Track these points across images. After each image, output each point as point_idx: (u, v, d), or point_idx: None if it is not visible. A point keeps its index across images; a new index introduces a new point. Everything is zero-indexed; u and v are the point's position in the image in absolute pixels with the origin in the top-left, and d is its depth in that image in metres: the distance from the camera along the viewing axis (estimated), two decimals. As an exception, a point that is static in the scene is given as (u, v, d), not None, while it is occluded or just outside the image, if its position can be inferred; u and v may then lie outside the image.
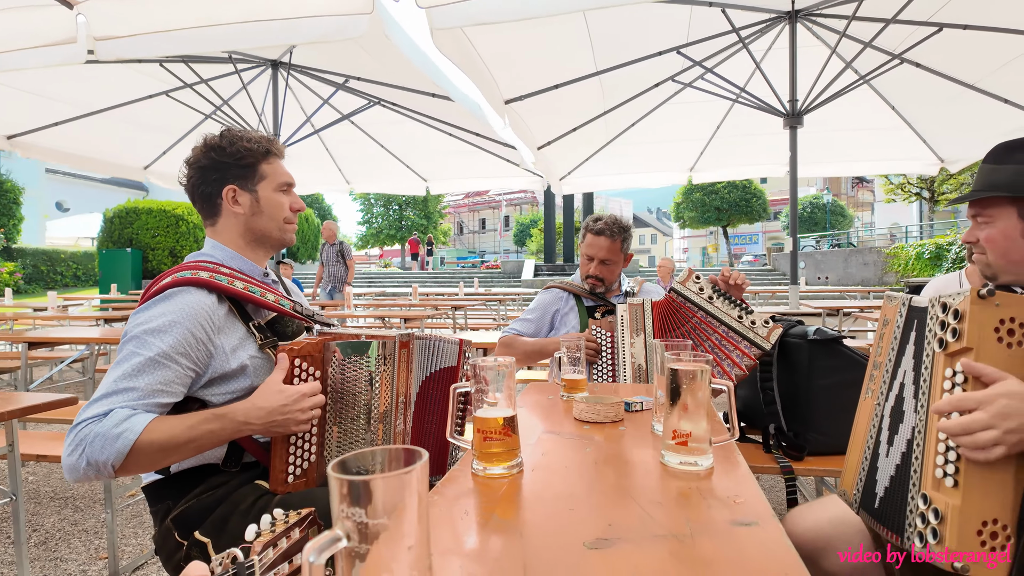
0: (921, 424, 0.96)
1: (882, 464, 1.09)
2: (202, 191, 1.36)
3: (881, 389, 1.12)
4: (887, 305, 1.15)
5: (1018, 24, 3.68)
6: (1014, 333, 0.87)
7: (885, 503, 1.05)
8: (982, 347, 0.88)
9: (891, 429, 1.07)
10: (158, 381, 1.11)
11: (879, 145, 5.88)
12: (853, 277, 19.74)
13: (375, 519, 0.45)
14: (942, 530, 0.85)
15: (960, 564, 0.83)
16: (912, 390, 1.02)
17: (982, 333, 0.88)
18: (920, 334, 1.02)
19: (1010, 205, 1.20)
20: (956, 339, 0.90)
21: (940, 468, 0.89)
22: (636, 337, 2.07)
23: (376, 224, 38.29)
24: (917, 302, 1.06)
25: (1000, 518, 0.84)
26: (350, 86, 5.31)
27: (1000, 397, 0.83)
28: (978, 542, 0.84)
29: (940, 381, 0.92)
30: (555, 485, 0.94)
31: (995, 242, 1.23)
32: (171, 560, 1.20)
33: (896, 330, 1.10)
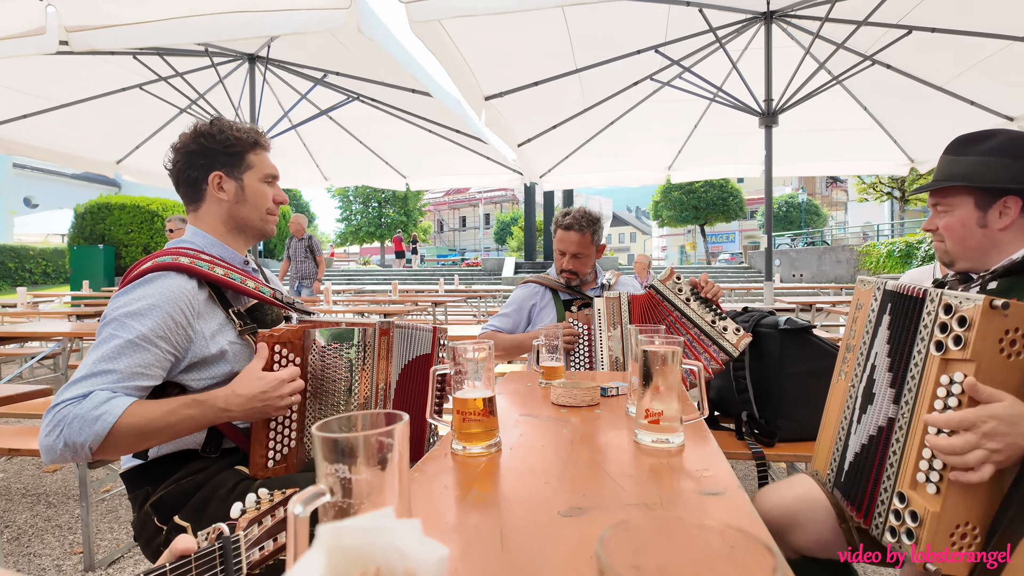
0: (904, 420, 0.96)
1: (852, 443, 1.13)
2: (188, 176, 1.36)
3: (855, 371, 1.16)
4: (860, 289, 1.19)
5: (983, 28, 3.80)
6: (1015, 343, 0.87)
7: (849, 477, 1.10)
8: (984, 358, 0.86)
9: (861, 409, 1.11)
10: (137, 364, 1.12)
11: (852, 145, 6.02)
12: (827, 274, 20.14)
13: (358, 475, 0.47)
14: (919, 533, 0.87)
15: (933, 567, 0.85)
16: (889, 376, 1.04)
17: (987, 343, 0.86)
18: (904, 322, 1.05)
19: (967, 194, 1.26)
20: (959, 347, 0.88)
21: (923, 473, 0.90)
22: (613, 330, 2.11)
23: (355, 221, 37.97)
24: (892, 286, 1.10)
25: (971, 521, 0.87)
26: (329, 81, 5.28)
27: (992, 419, 0.84)
28: (949, 543, 0.86)
29: (932, 386, 0.91)
30: (532, 462, 0.97)
31: (953, 230, 1.29)
32: (150, 545, 1.21)
33: (871, 313, 1.14)
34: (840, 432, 1.17)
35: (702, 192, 30.80)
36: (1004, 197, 1.22)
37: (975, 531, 0.87)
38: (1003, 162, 1.22)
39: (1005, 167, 1.21)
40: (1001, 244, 1.24)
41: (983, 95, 4.54)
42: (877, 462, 1.01)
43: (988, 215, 1.24)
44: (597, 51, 4.37)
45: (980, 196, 1.25)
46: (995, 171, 1.22)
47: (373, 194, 37.52)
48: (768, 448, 1.91)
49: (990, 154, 1.23)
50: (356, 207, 38.14)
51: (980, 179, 1.24)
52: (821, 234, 31.01)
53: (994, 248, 1.24)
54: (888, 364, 1.05)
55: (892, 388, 1.02)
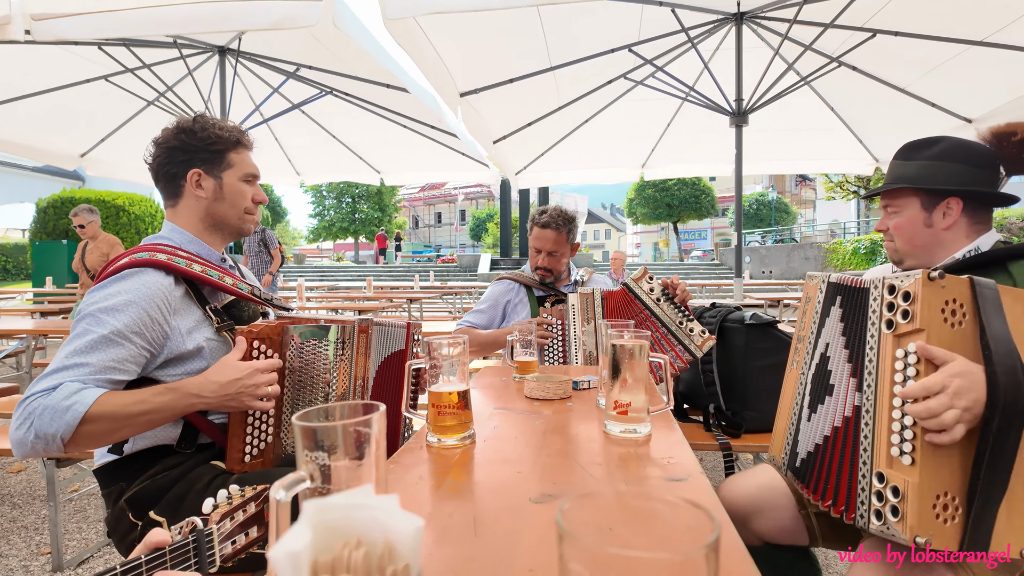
0: (869, 404, 0.99)
1: (804, 427, 1.18)
2: (167, 171, 1.35)
3: (805, 360, 1.22)
4: (808, 284, 1.26)
5: (943, 32, 3.94)
6: (956, 313, 0.93)
7: (808, 466, 1.14)
8: (932, 328, 0.92)
9: (813, 395, 1.16)
10: (111, 358, 1.11)
11: (819, 145, 6.17)
12: (795, 271, 20.61)
13: (337, 462, 0.49)
14: (902, 507, 0.89)
15: (922, 540, 0.87)
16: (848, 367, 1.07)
17: (931, 313, 0.92)
18: (849, 311, 1.10)
19: (914, 196, 1.34)
20: (907, 320, 0.93)
21: (896, 447, 0.93)
22: (587, 325, 2.15)
23: (328, 217, 37.53)
24: (835, 279, 1.16)
25: (950, 490, 0.90)
26: (301, 75, 5.22)
27: (955, 377, 0.89)
28: (933, 515, 0.89)
29: (891, 363, 0.96)
30: (505, 453, 1.00)
31: (902, 229, 1.36)
32: (124, 541, 1.20)
33: (817, 305, 1.20)
34: (792, 417, 1.23)
35: (675, 190, 31.20)
36: (947, 199, 1.30)
37: (955, 501, 0.90)
38: (945, 166, 1.29)
39: (947, 171, 1.29)
40: (946, 243, 1.31)
41: (943, 97, 4.70)
42: (851, 453, 1.03)
43: (933, 215, 1.31)
44: (571, 49, 4.41)
45: (925, 198, 1.32)
46: (938, 174, 1.30)
47: (347, 189, 37.11)
48: (735, 439, 1.98)
49: (934, 159, 1.31)
50: (330, 202, 37.68)
51: (925, 182, 1.31)
52: (790, 231, 31.70)
53: (939, 246, 1.32)
54: (847, 355, 1.09)
55: (854, 378, 1.05)
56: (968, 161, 1.28)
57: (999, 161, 1.29)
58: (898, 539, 0.89)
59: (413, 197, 58.18)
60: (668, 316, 2.07)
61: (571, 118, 5.46)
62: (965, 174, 1.28)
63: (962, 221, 1.30)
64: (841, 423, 1.06)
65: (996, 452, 0.89)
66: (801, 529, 1.35)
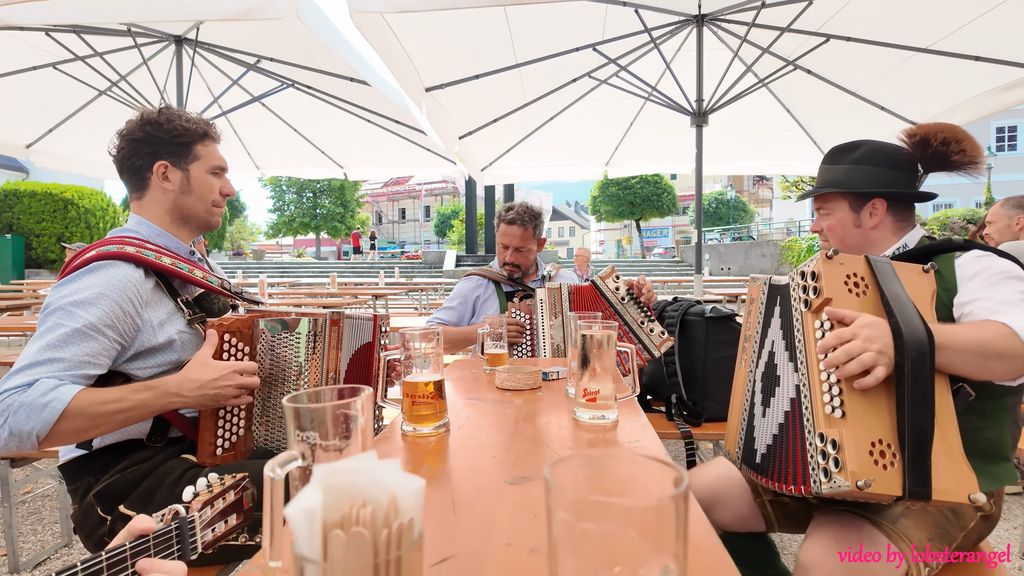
0: (804, 379, 1.08)
1: (759, 424, 1.24)
2: (132, 163, 1.33)
3: (752, 358, 1.29)
4: (752, 286, 1.33)
5: (893, 39, 4.13)
6: (859, 284, 1.07)
7: (768, 459, 1.20)
8: (838, 297, 1.06)
9: (765, 391, 1.23)
10: (85, 353, 1.10)
11: (776, 145, 6.37)
12: (753, 267, 21.22)
13: (326, 440, 0.52)
14: (841, 457, 0.95)
15: (863, 482, 0.93)
16: (787, 355, 1.17)
17: (835, 285, 1.06)
18: (785, 307, 1.18)
19: (842, 199, 1.42)
20: (817, 295, 1.07)
21: (828, 405, 1.01)
22: (555, 319, 2.20)
23: (288, 212, 36.75)
24: (776, 280, 1.24)
25: (884, 438, 0.97)
26: (262, 67, 5.11)
27: (864, 327, 0.99)
28: (871, 461, 0.96)
29: (812, 333, 1.07)
30: (479, 440, 1.03)
31: (834, 230, 1.45)
32: (93, 536, 1.19)
33: (761, 306, 1.27)
34: (744, 413, 1.30)
35: (638, 188, 31.68)
36: (872, 199, 1.39)
37: (891, 448, 0.97)
38: (868, 169, 1.39)
39: (870, 173, 1.38)
40: (875, 241, 1.40)
41: (891, 101, 4.92)
42: (800, 431, 1.09)
43: (861, 216, 1.40)
44: (537, 47, 4.45)
45: (853, 200, 1.41)
46: (862, 177, 1.39)
47: (307, 184, 36.41)
48: (695, 428, 2.06)
49: (857, 162, 1.40)
50: (289, 197, 36.91)
51: (851, 185, 1.40)
52: (748, 229, 32.55)
53: (869, 244, 1.41)
54: (785, 345, 1.18)
55: (791, 362, 1.14)
56: (888, 163, 1.37)
57: (916, 161, 1.38)
58: (843, 488, 0.94)
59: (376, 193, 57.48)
60: (631, 315, 2.13)
61: (536, 115, 5.51)
62: (886, 175, 1.37)
63: (888, 220, 1.39)
64: (789, 407, 1.14)
65: (915, 393, 0.96)
66: (757, 516, 1.42)
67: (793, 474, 1.12)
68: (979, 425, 1.15)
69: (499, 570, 0.60)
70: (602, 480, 0.37)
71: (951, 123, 1.37)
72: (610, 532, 0.31)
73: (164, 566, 0.69)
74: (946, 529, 1.14)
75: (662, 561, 0.31)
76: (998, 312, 1.07)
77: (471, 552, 0.63)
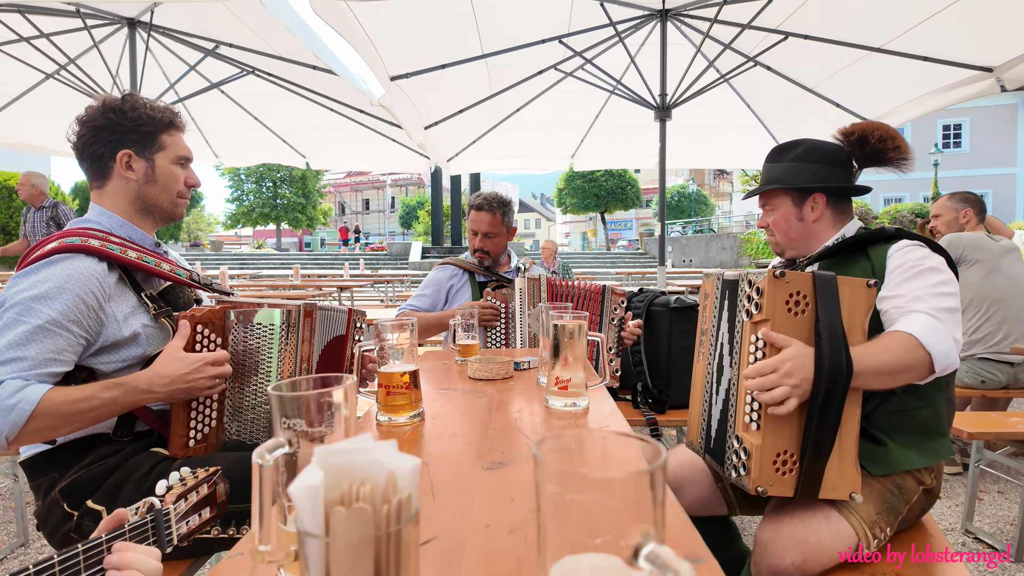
0: (736, 378, 1.18)
1: (714, 412, 1.31)
2: (93, 151, 1.29)
3: (709, 351, 1.35)
4: (706, 281, 1.39)
5: (848, 38, 4.28)
6: (799, 303, 1.12)
7: (716, 442, 1.27)
8: (775, 317, 1.10)
9: (716, 382, 1.29)
10: (49, 350, 1.07)
11: (736, 140, 6.52)
12: (713, 260, 21.72)
13: (312, 428, 0.53)
14: (749, 464, 1.09)
15: (761, 488, 1.08)
16: (728, 348, 1.24)
17: (776, 306, 1.10)
18: (732, 303, 1.25)
19: (785, 195, 1.50)
20: (759, 311, 1.12)
21: (747, 415, 1.13)
22: (533, 309, 2.22)
23: (247, 202, 35.79)
24: (729, 276, 1.29)
25: (789, 448, 1.10)
26: (220, 53, 4.97)
27: (787, 361, 1.06)
28: (773, 469, 1.09)
29: (747, 345, 1.15)
30: (454, 428, 1.05)
31: (778, 225, 1.52)
32: (57, 533, 1.16)
33: (716, 300, 1.33)
34: (704, 405, 1.35)
35: (602, 181, 31.98)
36: (813, 194, 1.46)
37: (793, 457, 1.10)
38: (807, 165, 1.46)
39: (809, 169, 1.46)
40: (817, 233, 1.48)
41: (846, 97, 5.09)
42: (727, 421, 1.21)
43: (803, 210, 1.48)
44: (503, 37, 4.45)
45: (795, 195, 1.48)
46: (802, 173, 1.47)
47: (267, 173, 35.52)
48: (660, 415, 2.12)
49: (797, 159, 1.48)
50: (248, 186, 35.95)
51: (793, 181, 1.47)
52: (709, 223, 33.24)
53: (812, 237, 1.49)
54: (728, 338, 1.25)
55: (730, 356, 1.22)
56: (825, 160, 1.45)
57: (852, 157, 1.46)
58: (746, 489, 1.10)
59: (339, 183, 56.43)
60: (608, 337, 2.14)
61: (503, 107, 5.51)
62: (825, 171, 1.45)
63: (827, 213, 1.47)
64: (725, 395, 1.24)
65: (822, 419, 1.08)
66: (719, 500, 1.49)
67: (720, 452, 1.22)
68: (917, 405, 1.24)
69: (479, 550, 0.62)
70: (586, 455, 0.40)
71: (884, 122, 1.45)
72: (595, 502, 0.33)
73: (139, 548, 0.70)
74: (892, 504, 1.21)
75: (643, 528, 0.33)
76: (907, 312, 1.19)
77: (452, 534, 0.65)
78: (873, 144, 1.40)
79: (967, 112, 25.39)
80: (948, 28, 3.77)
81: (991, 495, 2.71)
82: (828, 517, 1.14)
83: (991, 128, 25.48)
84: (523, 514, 0.69)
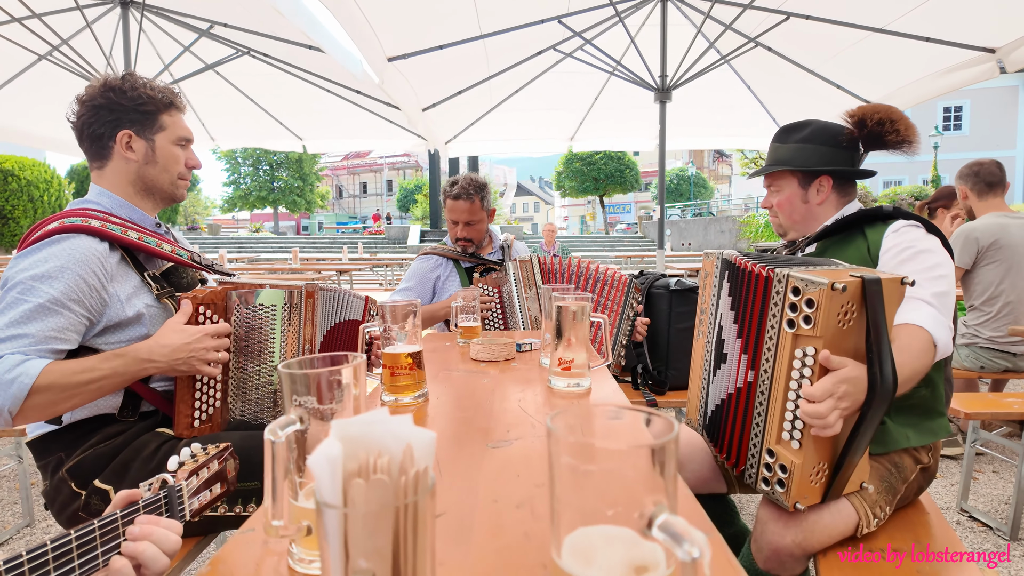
0: (765, 387, 1.09)
1: (711, 390, 1.31)
2: (93, 131, 1.28)
3: (708, 330, 1.35)
4: (706, 260, 1.38)
5: (850, 18, 4.23)
6: (848, 315, 1.02)
7: (712, 424, 1.27)
8: (829, 334, 0.99)
9: (715, 362, 1.29)
10: (51, 328, 1.07)
11: (736, 122, 6.48)
12: (712, 243, 21.71)
13: (323, 405, 0.54)
14: (788, 481, 1.04)
15: (800, 504, 1.04)
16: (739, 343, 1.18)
17: (830, 322, 0.98)
18: (733, 283, 1.21)
19: (791, 176, 1.49)
20: (810, 326, 0.99)
21: (787, 432, 1.05)
22: (529, 291, 2.22)
23: (244, 185, 35.59)
24: (727, 255, 1.28)
25: (824, 461, 1.06)
26: (215, 33, 4.90)
27: (842, 383, 0.98)
28: (809, 483, 1.05)
29: (788, 359, 1.04)
30: (459, 407, 1.06)
31: (783, 206, 1.51)
32: (65, 511, 1.18)
33: (715, 279, 1.32)
34: (703, 383, 1.36)
35: (601, 164, 31.81)
36: (820, 177, 1.46)
37: (825, 468, 1.08)
38: (815, 147, 1.45)
39: (817, 151, 1.45)
40: (819, 215, 1.48)
41: (847, 79, 5.05)
42: (742, 419, 1.16)
43: (808, 192, 1.47)
44: (501, 18, 4.40)
45: (801, 177, 1.48)
46: (810, 155, 1.46)
47: (264, 156, 35.28)
48: (660, 396, 2.14)
49: (805, 141, 1.47)
50: (245, 170, 35.72)
51: (800, 163, 1.46)
52: (708, 206, 33.17)
53: (814, 219, 1.49)
54: (737, 330, 1.19)
55: (745, 354, 1.15)
56: (833, 142, 1.44)
57: (857, 140, 1.45)
58: (781, 504, 1.06)
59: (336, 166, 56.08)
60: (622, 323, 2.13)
61: (501, 88, 5.46)
62: (831, 154, 1.44)
63: (832, 196, 1.46)
64: (734, 391, 1.19)
65: (864, 434, 1.04)
66: (719, 478, 1.50)
67: (728, 448, 1.20)
68: (917, 385, 1.24)
69: (487, 523, 0.63)
70: (599, 429, 0.40)
71: (890, 104, 1.43)
72: (609, 473, 0.34)
73: (162, 522, 0.71)
74: (890, 482, 1.23)
75: (656, 499, 0.34)
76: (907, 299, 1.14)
77: (460, 508, 0.67)
78: (871, 127, 1.39)
79: (968, 94, 25.26)
80: (950, 8, 3.74)
81: (986, 474, 2.75)
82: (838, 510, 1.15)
83: (992, 110, 25.37)
84: (529, 489, 0.70)
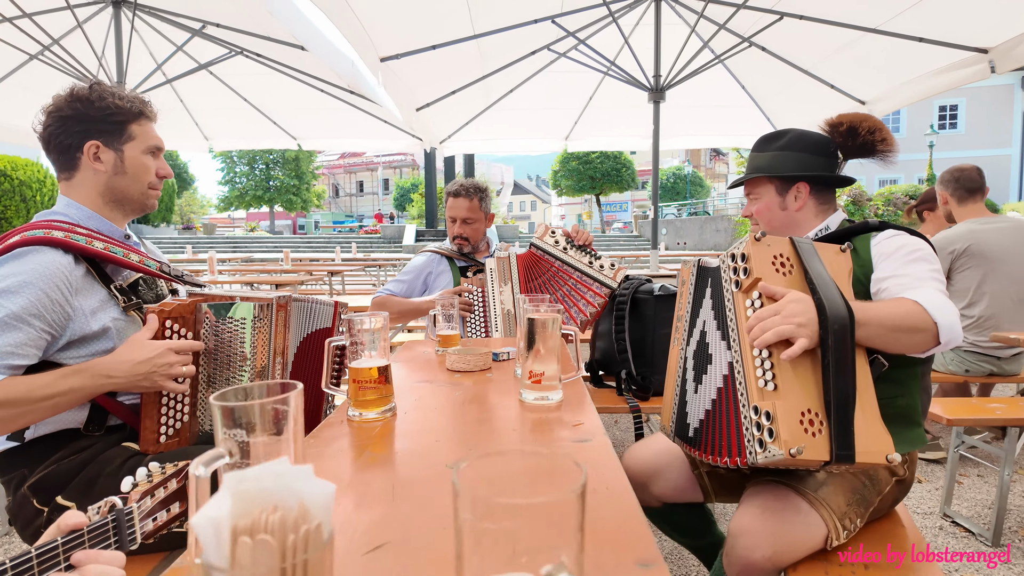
0: (737, 356, 1.13)
1: (691, 399, 1.30)
2: (60, 142, 1.26)
3: (683, 337, 1.34)
4: (683, 268, 1.38)
5: (843, 18, 4.22)
6: (784, 264, 1.14)
7: (701, 433, 1.26)
8: (766, 276, 1.12)
9: (697, 369, 1.28)
10: (9, 344, 1.06)
11: (731, 121, 6.47)
12: (708, 242, 21.70)
13: (255, 438, 0.52)
14: (775, 427, 1.01)
15: (795, 450, 1.00)
16: (719, 334, 1.22)
17: (764, 266, 1.12)
18: (715, 289, 1.23)
19: (769, 183, 1.49)
20: (747, 276, 1.12)
21: (760, 379, 1.07)
22: (504, 286, 2.23)
23: (240, 184, 35.50)
24: (705, 263, 1.29)
25: (812, 407, 1.04)
26: (208, 32, 4.88)
27: (789, 303, 1.06)
28: (802, 430, 1.02)
29: (743, 311, 1.13)
30: (425, 424, 1.05)
31: (762, 214, 1.52)
32: (29, 528, 1.16)
33: (691, 287, 1.32)
34: (676, 389, 1.35)
35: (597, 163, 31.75)
36: (796, 183, 1.46)
37: (819, 417, 1.04)
38: (792, 155, 1.46)
39: (795, 158, 1.46)
40: (799, 222, 1.48)
41: (841, 79, 5.04)
42: (734, 405, 1.15)
43: (786, 199, 1.48)
44: (495, 17, 4.38)
45: (779, 184, 1.48)
46: (787, 163, 1.46)
47: (260, 155, 35.20)
48: (643, 401, 2.12)
49: (782, 149, 1.48)
50: (241, 169, 35.63)
51: (776, 170, 1.47)
52: (704, 205, 33.12)
53: (794, 226, 1.48)
54: (716, 324, 1.23)
55: (723, 340, 1.20)
56: (810, 149, 1.45)
57: (835, 147, 1.46)
58: (778, 457, 1.00)
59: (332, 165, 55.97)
60: (577, 260, 2.20)
61: (496, 88, 5.45)
62: (809, 161, 1.45)
63: (811, 202, 1.47)
64: (723, 383, 1.19)
65: (838, 363, 1.04)
66: (695, 487, 1.49)
67: (728, 447, 1.18)
68: (893, 393, 1.24)
69: (434, 555, 0.62)
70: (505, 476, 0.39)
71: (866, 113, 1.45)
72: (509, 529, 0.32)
73: (102, 556, 0.69)
74: (863, 495, 1.22)
75: (558, 555, 0.33)
76: (913, 288, 1.16)
77: (408, 537, 0.65)
78: (864, 136, 1.41)
79: (963, 93, 25.23)
80: (943, 9, 3.72)
81: (970, 479, 2.74)
82: (799, 510, 1.15)
83: (987, 109, 25.36)
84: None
